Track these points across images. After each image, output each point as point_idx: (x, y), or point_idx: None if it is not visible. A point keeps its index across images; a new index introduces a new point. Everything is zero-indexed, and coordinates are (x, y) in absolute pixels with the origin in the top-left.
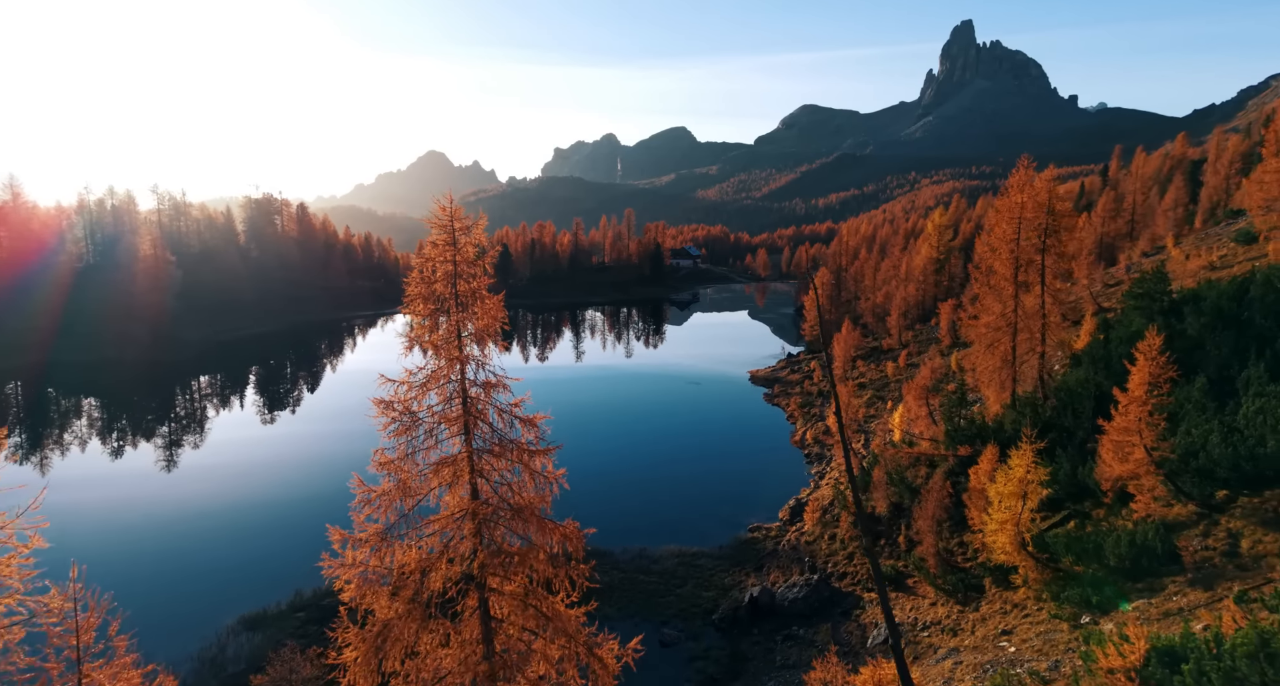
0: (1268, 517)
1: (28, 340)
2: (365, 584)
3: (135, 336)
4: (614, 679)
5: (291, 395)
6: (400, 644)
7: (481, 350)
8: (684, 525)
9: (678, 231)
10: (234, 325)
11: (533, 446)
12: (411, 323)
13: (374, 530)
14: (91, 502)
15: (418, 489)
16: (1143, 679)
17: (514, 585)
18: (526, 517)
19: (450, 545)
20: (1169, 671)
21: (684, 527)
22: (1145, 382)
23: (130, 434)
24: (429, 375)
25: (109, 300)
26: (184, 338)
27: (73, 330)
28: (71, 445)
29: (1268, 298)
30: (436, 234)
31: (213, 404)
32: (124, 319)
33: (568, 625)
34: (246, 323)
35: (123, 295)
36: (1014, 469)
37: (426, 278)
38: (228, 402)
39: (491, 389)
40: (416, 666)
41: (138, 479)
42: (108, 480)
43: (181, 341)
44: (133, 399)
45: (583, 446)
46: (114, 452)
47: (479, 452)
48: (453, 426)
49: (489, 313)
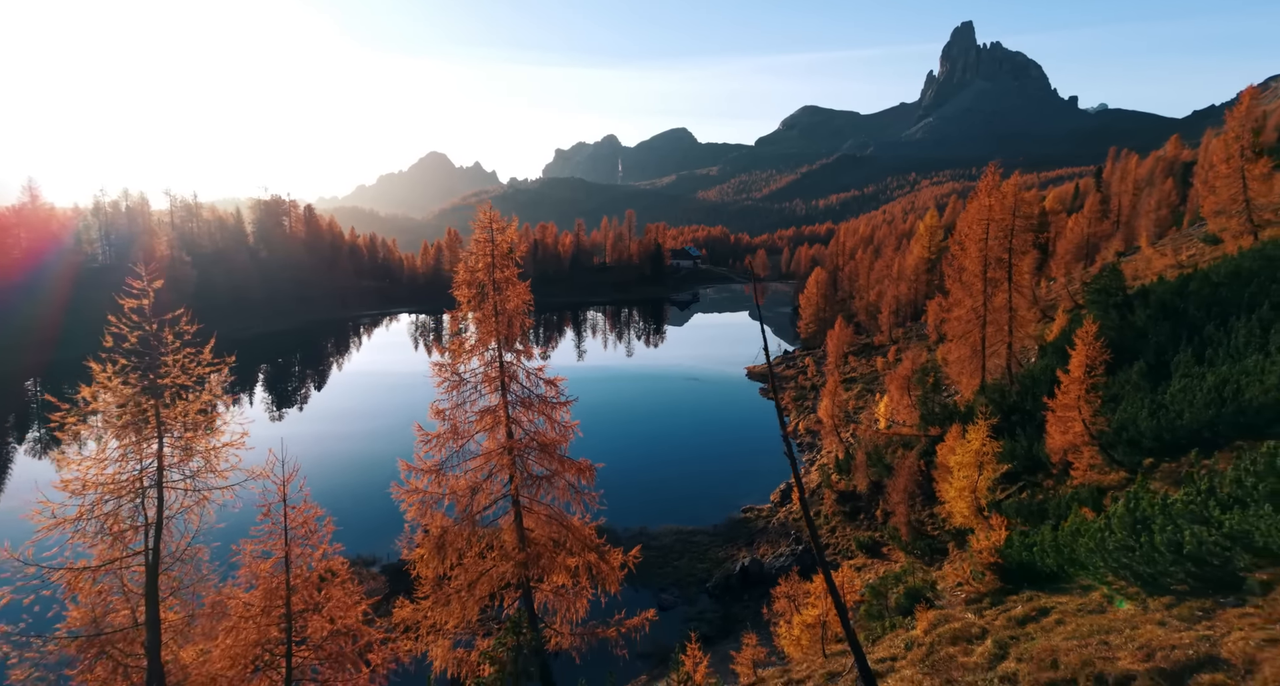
0: (1179, 478)
1: (47, 337)
2: (424, 505)
3: None
4: (618, 583)
5: (300, 393)
6: (454, 547)
7: (513, 325)
8: (682, 507)
9: (678, 232)
10: (245, 324)
11: (553, 400)
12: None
13: (432, 462)
14: None
15: (465, 432)
16: (1001, 554)
17: (541, 506)
18: (550, 453)
19: (493, 473)
20: (1025, 548)
21: (682, 509)
22: (1083, 365)
23: None
24: (472, 344)
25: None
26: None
27: (89, 328)
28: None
29: (1202, 291)
30: (479, 233)
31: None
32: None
33: (582, 535)
34: (256, 321)
35: None
36: (971, 442)
37: (470, 267)
38: (252, 397)
39: (520, 355)
40: (465, 568)
41: None
42: None
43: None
44: None
45: (585, 438)
46: None
47: (512, 404)
48: (491, 384)
49: (519, 295)
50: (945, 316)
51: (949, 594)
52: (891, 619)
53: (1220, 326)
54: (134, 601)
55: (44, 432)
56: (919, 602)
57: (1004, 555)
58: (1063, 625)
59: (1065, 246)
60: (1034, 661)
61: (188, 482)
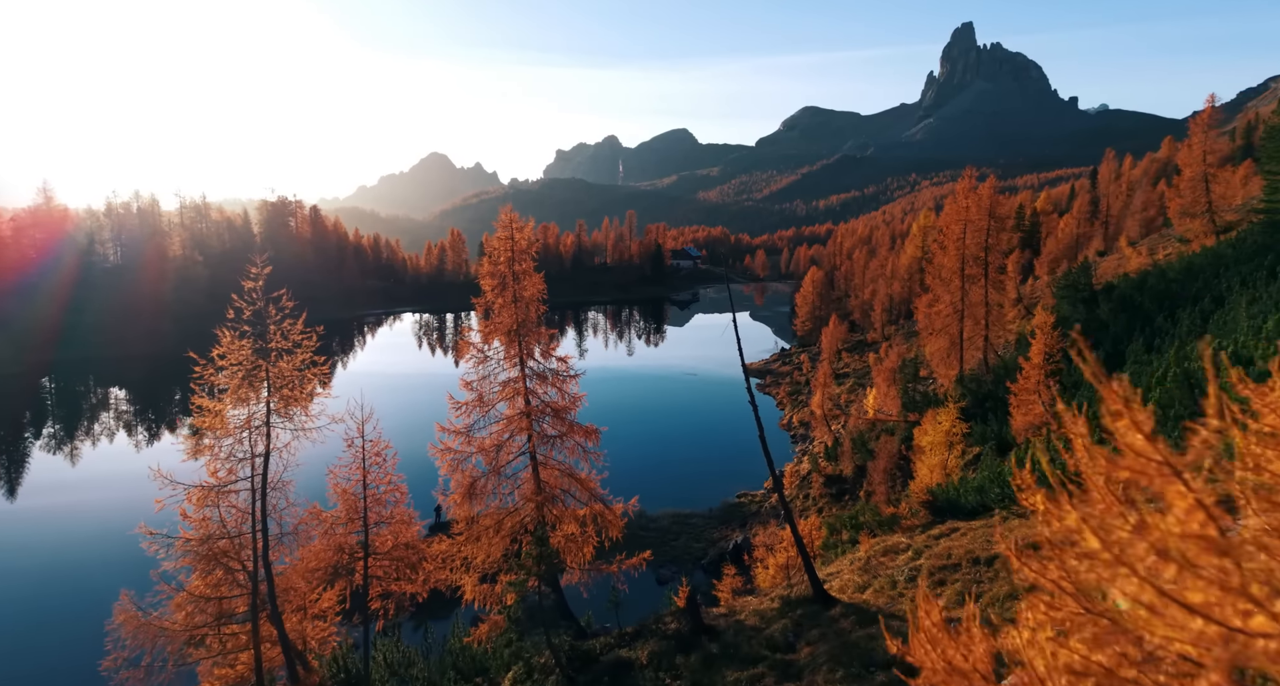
0: None
1: (48, 338)
2: (455, 461)
3: (164, 333)
4: (620, 529)
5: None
6: (482, 494)
7: (530, 310)
8: (679, 492)
9: (678, 233)
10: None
11: (564, 374)
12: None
13: (462, 426)
14: None
15: (490, 400)
16: (932, 494)
17: (554, 462)
18: (561, 417)
19: (513, 434)
20: (953, 489)
21: (679, 495)
22: (1042, 352)
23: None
24: (494, 326)
25: (138, 299)
26: (210, 334)
27: (103, 327)
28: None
29: (1158, 286)
30: (501, 231)
31: None
32: (153, 317)
33: (589, 486)
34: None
35: (151, 294)
36: (941, 423)
37: (494, 261)
38: None
39: (535, 333)
40: (491, 512)
41: None
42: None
43: (208, 336)
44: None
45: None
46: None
47: (529, 377)
48: (511, 360)
49: (534, 285)
50: (927, 311)
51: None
52: (844, 548)
53: (1169, 318)
54: (240, 518)
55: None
56: (863, 531)
57: (934, 494)
58: (964, 537)
59: (1054, 246)
60: (936, 556)
61: (288, 424)
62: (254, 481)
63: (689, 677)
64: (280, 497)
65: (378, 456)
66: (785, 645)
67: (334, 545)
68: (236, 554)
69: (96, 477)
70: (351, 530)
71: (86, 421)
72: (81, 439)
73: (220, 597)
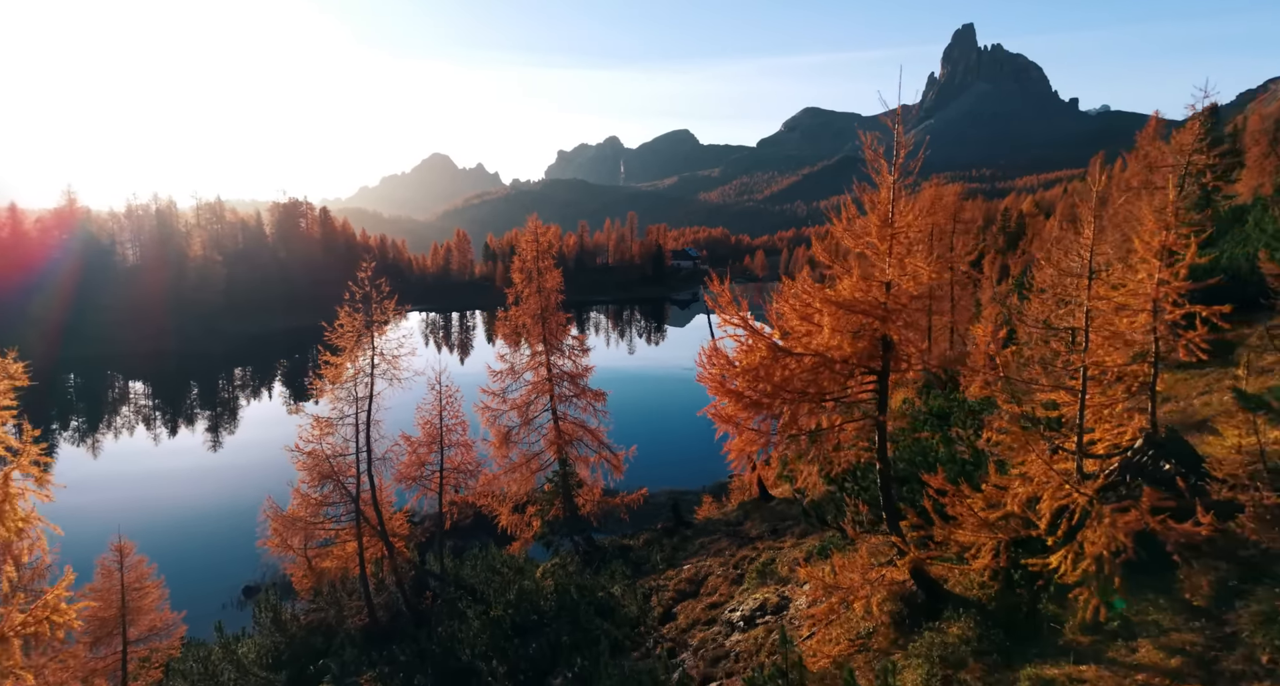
0: None
1: (89, 334)
2: (493, 416)
3: (189, 331)
4: (621, 471)
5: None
6: (515, 442)
7: (550, 298)
8: (676, 474)
9: (679, 233)
10: (267, 321)
11: (577, 348)
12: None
13: (498, 389)
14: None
15: (519, 370)
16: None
17: (570, 418)
18: (575, 381)
19: (538, 395)
20: None
21: (676, 476)
22: (988, 332)
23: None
24: (523, 310)
25: (157, 297)
26: (227, 331)
27: (124, 323)
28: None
29: None
30: (528, 235)
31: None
32: (176, 315)
33: (597, 436)
34: (277, 319)
35: (172, 293)
36: (896, 394)
37: (523, 258)
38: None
39: (555, 317)
40: (523, 453)
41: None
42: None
43: (226, 334)
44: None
45: None
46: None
47: (550, 351)
48: (536, 337)
49: (554, 278)
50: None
51: None
52: (790, 477)
53: None
54: (344, 446)
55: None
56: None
57: None
58: None
59: (1038, 246)
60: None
61: (384, 373)
62: (358, 418)
63: (670, 550)
64: (376, 431)
65: (450, 397)
66: (736, 523)
67: (417, 461)
68: (345, 470)
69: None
70: (430, 451)
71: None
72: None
73: (330, 503)
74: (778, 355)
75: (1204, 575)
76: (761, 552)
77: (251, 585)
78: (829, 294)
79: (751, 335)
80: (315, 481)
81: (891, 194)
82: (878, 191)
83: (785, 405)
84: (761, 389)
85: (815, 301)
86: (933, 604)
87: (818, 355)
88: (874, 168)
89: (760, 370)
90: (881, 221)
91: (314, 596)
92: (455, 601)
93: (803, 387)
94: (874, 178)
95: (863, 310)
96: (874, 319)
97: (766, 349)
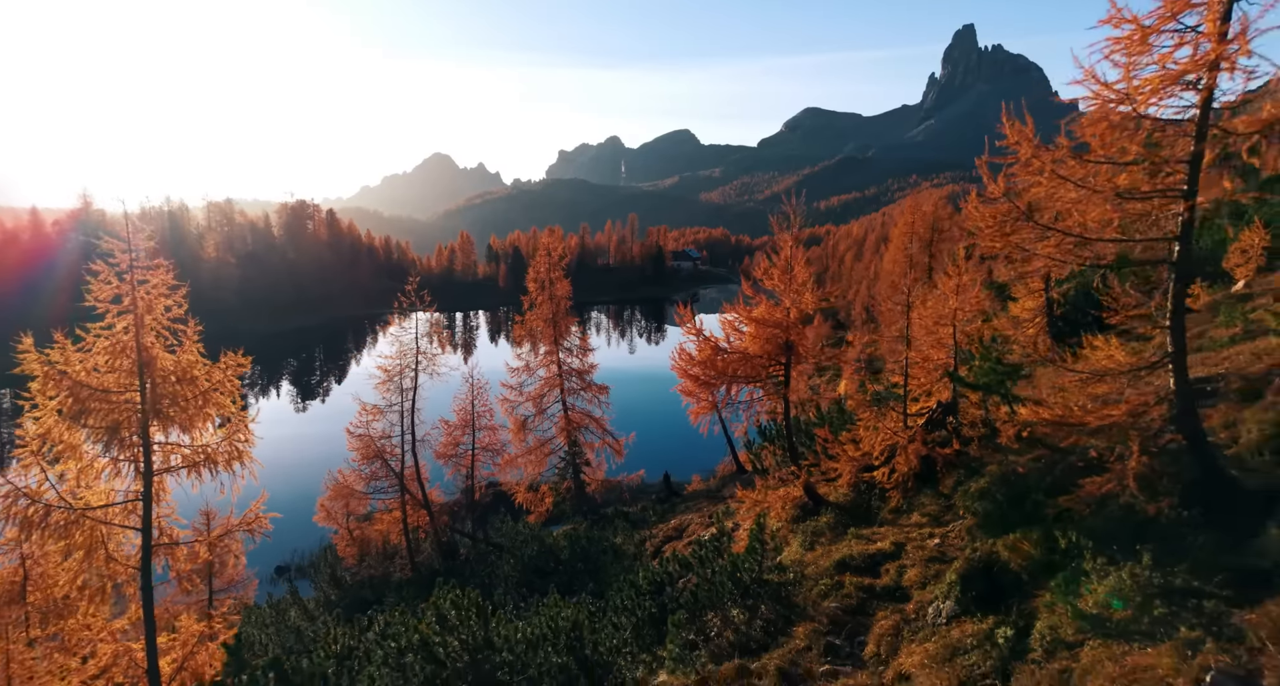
0: None
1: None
2: (510, 407)
3: (206, 331)
4: (623, 454)
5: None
6: (530, 429)
7: (560, 304)
8: (674, 463)
9: (679, 234)
10: (277, 320)
11: (584, 348)
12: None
13: (515, 383)
14: None
15: (534, 367)
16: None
17: (578, 408)
18: (582, 376)
19: (550, 389)
20: None
21: (675, 465)
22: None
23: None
24: (537, 315)
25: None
26: (241, 330)
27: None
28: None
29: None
30: (542, 248)
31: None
32: (192, 315)
33: (601, 424)
34: (286, 318)
35: (189, 294)
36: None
37: (537, 269)
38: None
39: (564, 320)
40: (537, 438)
41: None
42: None
43: (240, 333)
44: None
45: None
46: None
47: (560, 350)
48: (548, 339)
49: (564, 286)
50: (884, 309)
51: None
52: None
53: None
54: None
55: None
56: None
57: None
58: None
59: None
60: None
61: (426, 368)
62: (403, 405)
63: (662, 512)
64: (418, 417)
65: (480, 388)
66: (716, 490)
67: (453, 441)
68: (390, 449)
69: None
70: (464, 433)
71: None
72: None
73: (377, 477)
74: (719, 352)
75: (950, 476)
76: (729, 505)
77: (283, 565)
78: (752, 313)
79: (702, 341)
80: (365, 459)
81: (789, 252)
82: (780, 252)
83: (725, 384)
84: (710, 373)
85: (743, 318)
86: (816, 508)
87: (745, 352)
88: (779, 233)
89: (709, 362)
90: (782, 271)
91: (359, 560)
92: (486, 556)
93: (736, 372)
94: (778, 238)
95: (772, 324)
96: (779, 329)
97: (712, 349)
